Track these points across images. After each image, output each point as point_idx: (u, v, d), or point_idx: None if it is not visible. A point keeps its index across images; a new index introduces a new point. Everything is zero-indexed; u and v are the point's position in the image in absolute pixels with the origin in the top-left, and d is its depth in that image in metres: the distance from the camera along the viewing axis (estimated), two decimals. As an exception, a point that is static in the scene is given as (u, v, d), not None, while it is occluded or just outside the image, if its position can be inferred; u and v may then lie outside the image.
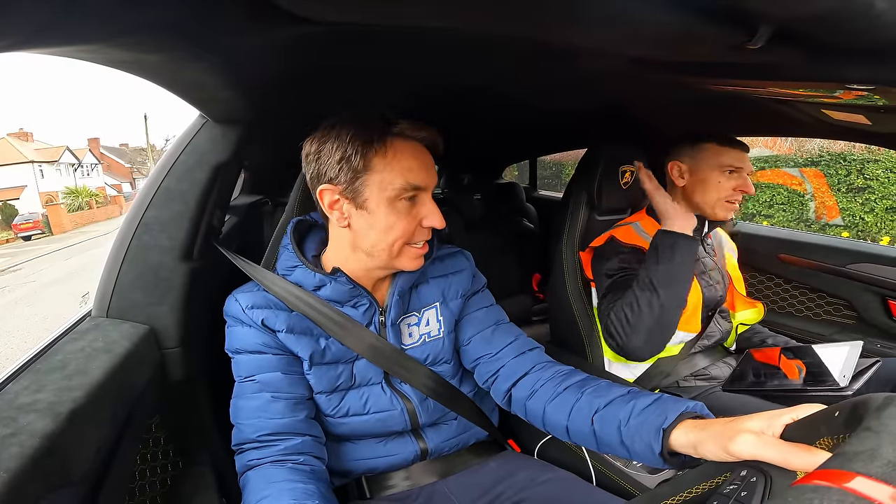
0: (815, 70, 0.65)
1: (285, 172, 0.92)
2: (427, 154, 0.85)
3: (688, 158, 1.37)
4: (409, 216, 0.83)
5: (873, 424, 0.39)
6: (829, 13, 0.46)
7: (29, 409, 0.62)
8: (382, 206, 0.82)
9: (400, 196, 0.82)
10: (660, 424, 0.67)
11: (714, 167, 1.32)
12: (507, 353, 0.98)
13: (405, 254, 0.86)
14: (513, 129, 1.98)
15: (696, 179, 1.36)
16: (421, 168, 0.83)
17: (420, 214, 0.84)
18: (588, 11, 0.54)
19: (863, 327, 1.64)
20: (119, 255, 0.94)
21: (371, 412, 0.92)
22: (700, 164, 1.35)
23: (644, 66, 0.84)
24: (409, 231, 0.84)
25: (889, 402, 0.41)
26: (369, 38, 0.74)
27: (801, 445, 0.48)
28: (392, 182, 0.81)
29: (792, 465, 0.47)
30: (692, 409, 0.68)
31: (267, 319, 0.87)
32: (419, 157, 0.83)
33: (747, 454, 0.52)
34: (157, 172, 0.99)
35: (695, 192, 1.37)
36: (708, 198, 1.35)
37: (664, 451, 0.66)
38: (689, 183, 1.37)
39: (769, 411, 0.57)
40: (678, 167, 1.38)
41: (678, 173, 1.39)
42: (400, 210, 0.83)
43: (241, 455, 0.84)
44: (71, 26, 0.43)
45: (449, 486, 0.97)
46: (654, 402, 0.72)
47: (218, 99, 0.86)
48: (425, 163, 0.84)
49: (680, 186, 1.39)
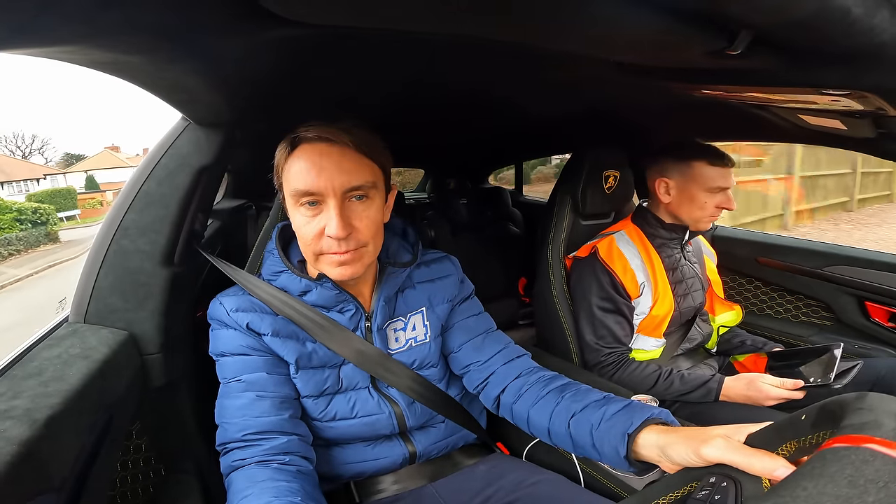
0: (793, 75, 0.67)
1: (269, 176, 0.91)
2: (328, 157, 0.79)
3: (676, 175, 1.36)
4: (311, 223, 0.81)
5: (863, 406, 0.43)
6: (808, 19, 0.47)
7: (5, 415, 0.60)
8: (292, 209, 0.84)
9: (298, 202, 0.81)
10: (625, 429, 0.71)
11: (702, 188, 1.33)
12: (496, 360, 0.99)
13: (322, 261, 0.84)
14: (497, 133, 2.00)
15: (682, 197, 1.36)
16: (310, 171, 0.79)
17: (321, 222, 0.81)
18: (568, 15, 0.54)
19: (840, 328, 1.68)
20: (97, 260, 0.92)
21: (358, 416, 0.92)
22: (688, 184, 1.35)
23: (626, 71, 0.85)
24: (314, 238, 0.81)
25: (863, 394, 0.46)
26: (353, 41, 0.74)
27: (763, 451, 0.51)
28: (289, 187, 0.82)
29: (753, 469, 0.50)
30: (657, 416, 0.72)
31: (252, 323, 0.87)
32: (314, 160, 0.79)
33: (715, 457, 0.55)
34: (136, 176, 0.97)
35: (680, 208, 1.38)
36: (693, 214, 1.37)
37: (629, 455, 0.70)
38: (675, 199, 1.38)
39: (736, 424, 0.60)
40: (665, 184, 1.39)
41: (664, 190, 1.39)
42: (303, 215, 0.82)
43: (225, 456, 0.83)
44: (49, 27, 0.42)
45: (438, 490, 0.96)
46: (624, 408, 0.76)
47: (200, 101, 0.85)
48: (319, 165, 0.79)
49: (665, 203, 1.40)
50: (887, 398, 0.44)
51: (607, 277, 1.37)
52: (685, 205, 1.36)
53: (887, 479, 0.37)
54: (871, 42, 0.49)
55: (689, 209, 1.36)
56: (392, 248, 0.99)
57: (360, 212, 0.82)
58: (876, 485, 0.36)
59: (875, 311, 1.58)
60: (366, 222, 0.82)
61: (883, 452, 0.38)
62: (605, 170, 1.52)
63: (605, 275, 1.37)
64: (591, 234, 1.56)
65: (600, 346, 1.38)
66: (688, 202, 1.36)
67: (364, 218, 0.82)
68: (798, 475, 0.41)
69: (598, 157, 1.52)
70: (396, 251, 1.00)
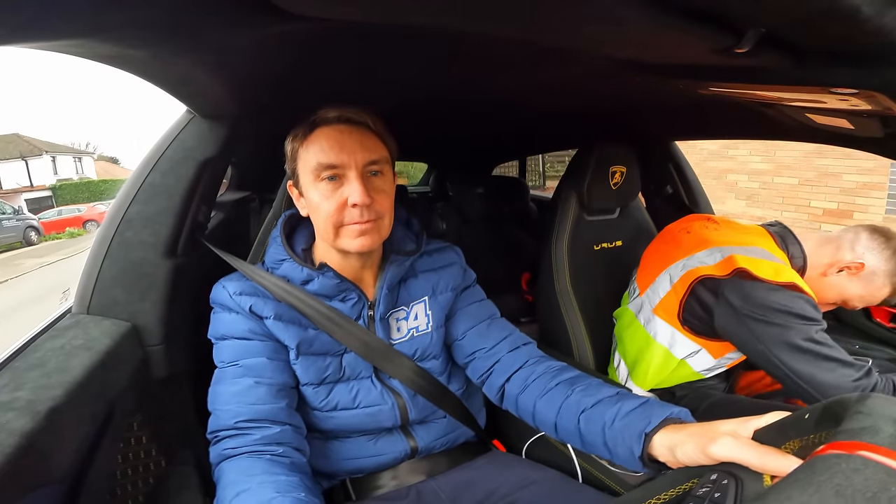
0: (801, 74, 0.66)
1: (273, 169, 0.92)
2: (349, 135, 0.85)
3: (876, 266, 1.19)
4: (333, 195, 0.84)
5: (863, 409, 0.42)
6: (816, 18, 0.46)
7: (7, 407, 0.61)
8: (310, 188, 0.86)
9: (319, 176, 0.84)
10: (643, 428, 0.68)
11: (880, 292, 1.20)
12: (502, 347, 0.98)
13: (343, 234, 0.86)
14: (502, 128, 1.99)
15: (856, 285, 1.22)
16: (333, 148, 0.83)
17: (344, 193, 0.84)
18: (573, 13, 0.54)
19: (841, 328, 1.67)
20: (101, 251, 0.92)
21: (361, 406, 0.92)
22: (872, 281, 1.20)
23: (633, 69, 0.85)
24: (335, 210, 0.84)
25: (865, 396, 0.44)
26: (357, 35, 0.73)
27: (775, 450, 0.50)
28: (308, 163, 0.85)
29: (768, 469, 0.48)
30: (676, 415, 0.69)
31: (255, 306, 0.87)
32: (335, 137, 0.84)
33: (725, 455, 0.53)
34: (141, 168, 0.97)
35: (829, 289, 1.24)
36: (848, 301, 1.24)
37: (644, 455, 0.67)
38: (850, 282, 1.22)
39: (739, 418, 0.58)
40: (857, 266, 1.20)
41: (848, 270, 1.22)
42: (323, 190, 0.85)
43: (216, 444, 0.81)
44: (57, 21, 0.42)
45: (439, 484, 0.96)
46: (640, 406, 0.73)
47: (205, 94, 0.86)
48: (341, 142, 0.84)
49: (827, 276, 1.24)
50: (889, 401, 0.43)
51: (807, 297, 1.13)
52: (847, 292, 1.23)
53: (876, 488, 0.36)
54: (881, 42, 0.49)
55: (857, 294, 1.23)
56: (396, 236, 0.99)
57: (378, 185, 0.86)
58: (864, 495, 0.35)
59: (876, 311, 1.58)
60: (383, 196, 0.86)
61: (875, 460, 0.37)
62: (611, 165, 1.51)
63: (805, 299, 1.13)
64: (596, 230, 1.56)
65: (854, 384, 1.09)
66: (859, 289, 1.22)
67: (381, 191, 0.86)
68: (785, 484, 0.40)
69: (604, 153, 1.51)
70: (401, 240, 1.01)
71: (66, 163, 26.57)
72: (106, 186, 24.78)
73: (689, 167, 1.96)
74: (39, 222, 17.45)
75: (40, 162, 24.31)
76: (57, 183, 24.50)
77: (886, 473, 0.36)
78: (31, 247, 15.95)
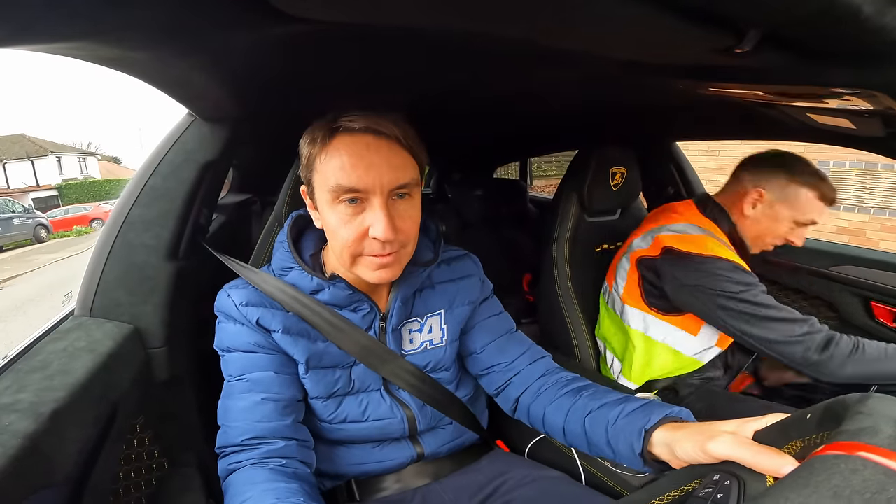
0: (802, 74, 0.66)
1: (274, 171, 0.91)
2: (376, 151, 0.73)
3: (776, 191, 1.24)
4: (352, 221, 0.74)
5: (863, 410, 0.42)
6: (817, 18, 0.46)
7: (10, 409, 0.61)
8: (326, 208, 0.77)
9: (337, 198, 0.74)
10: (643, 425, 0.69)
11: (795, 214, 1.23)
12: (521, 361, 0.97)
13: (361, 263, 0.78)
14: (504, 130, 1.99)
15: (766, 216, 1.26)
16: (356, 166, 0.72)
17: (365, 222, 0.74)
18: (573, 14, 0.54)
19: (844, 328, 1.67)
20: (103, 254, 0.93)
21: (370, 419, 0.90)
22: (783, 205, 1.23)
23: (634, 69, 0.85)
24: (354, 239, 0.75)
25: (866, 396, 0.44)
26: (358, 38, 0.73)
27: (771, 448, 0.49)
28: (326, 180, 0.74)
29: (761, 467, 0.48)
30: (676, 414, 0.69)
31: (262, 318, 0.83)
32: (358, 152, 0.73)
33: (723, 454, 0.53)
34: (142, 171, 0.97)
35: (757, 224, 1.28)
36: (762, 237, 1.28)
37: (644, 452, 0.67)
38: (755, 215, 1.27)
39: (740, 418, 0.58)
40: (758, 195, 1.25)
41: (753, 201, 1.27)
42: (341, 214, 0.75)
43: (223, 458, 0.81)
44: (56, 23, 0.42)
45: (443, 487, 0.95)
46: (642, 406, 0.74)
47: (206, 97, 0.86)
48: (366, 160, 0.72)
49: (744, 213, 1.28)
50: (890, 402, 0.43)
51: (728, 265, 1.18)
52: (764, 223, 1.26)
53: (874, 489, 0.35)
54: (882, 41, 0.49)
55: (766, 228, 1.27)
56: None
57: (404, 211, 0.77)
58: (862, 496, 0.35)
59: (880, 311, 1.57)
60: (409, 223, 0.78)
61: (874, 461, 0.37)
62: (612, 166, 1.51)
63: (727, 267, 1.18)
64: (597, 231, 1.55)
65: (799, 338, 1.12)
66: (768, 223, 1.26)
67: (407, 218, 0.77)
68: (782, 484, 0.40)
69: (604, 154, 1.51)
70: (418, 249, 0.92)
71: (70, 163, 26.70)
72: (110, 186, 24.93)
73: (690, 167, 1.96)
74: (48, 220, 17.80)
75: (46, 162, 24.53)
76: (62, 183, 24.73)
77: (885, 474, 0.36)
78: (41, 244, 16.35)
